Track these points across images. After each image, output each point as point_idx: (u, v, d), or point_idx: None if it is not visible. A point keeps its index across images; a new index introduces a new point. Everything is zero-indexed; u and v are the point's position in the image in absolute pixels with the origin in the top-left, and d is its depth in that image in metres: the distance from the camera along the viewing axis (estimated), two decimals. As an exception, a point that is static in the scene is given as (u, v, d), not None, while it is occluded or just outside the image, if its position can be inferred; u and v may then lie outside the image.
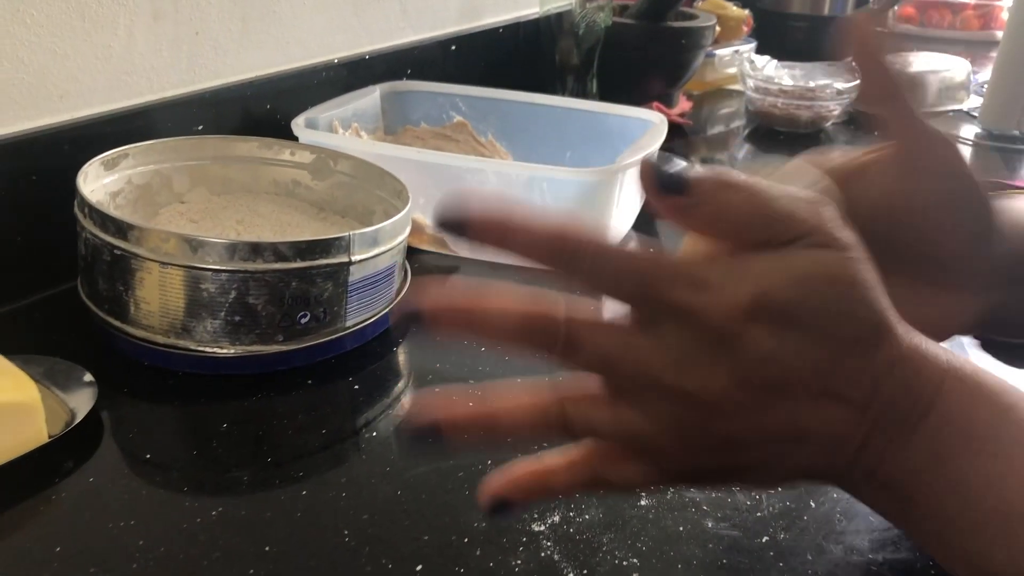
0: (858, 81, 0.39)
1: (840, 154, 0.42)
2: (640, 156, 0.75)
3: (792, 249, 0.29)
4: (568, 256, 0.29)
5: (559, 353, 0.30)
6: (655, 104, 1.13)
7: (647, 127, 0.85)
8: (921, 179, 0.39)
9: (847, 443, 0.31)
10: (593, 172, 0.72)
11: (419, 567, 0.43)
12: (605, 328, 0.30)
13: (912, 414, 0.31)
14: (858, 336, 0.30)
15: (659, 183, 0.29)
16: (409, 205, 0.65)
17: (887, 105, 0.39)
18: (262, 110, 0.83)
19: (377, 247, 0.60)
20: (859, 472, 0.32)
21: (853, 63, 0.39)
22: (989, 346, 0.47)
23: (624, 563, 0.44)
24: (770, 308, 0.29)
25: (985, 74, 1.37)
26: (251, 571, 0.42)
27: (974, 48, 1.68)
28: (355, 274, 0.59)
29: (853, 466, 0.32)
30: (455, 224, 0.29)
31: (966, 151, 1.17)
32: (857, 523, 0.47)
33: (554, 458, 0.33)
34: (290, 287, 0.56)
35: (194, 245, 0.54)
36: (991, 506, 0.30)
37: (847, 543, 0.46)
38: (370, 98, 0.89)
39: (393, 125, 0.92)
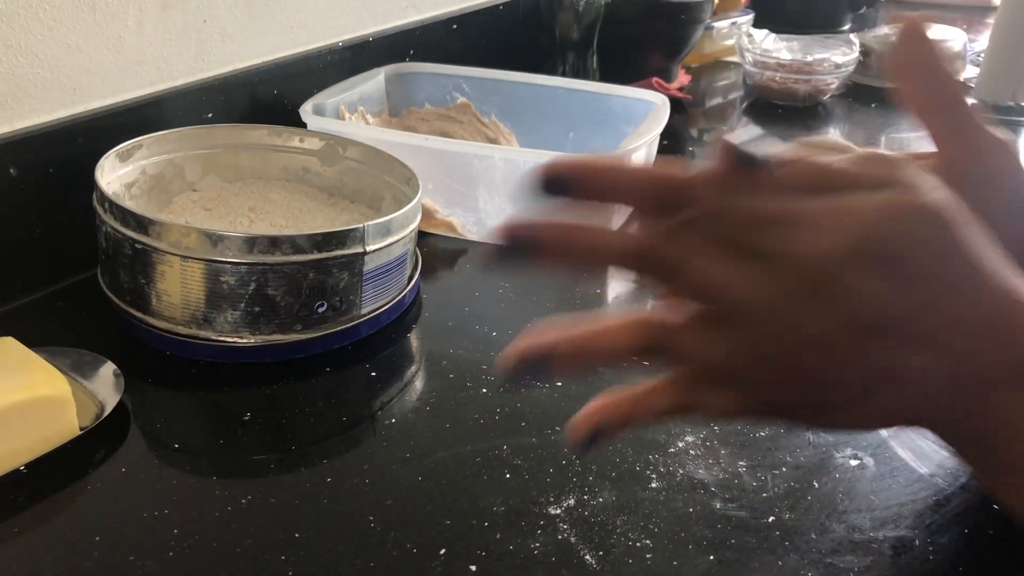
0: (904, 90, 0.36)
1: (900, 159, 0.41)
2: (645, 140, 0.77)
3: (886, 191, 0.30)
4: (673, 201, 0.30)
5: (668, 276, 0.31)
6: (655, 79, 1.14)
7: (649, 108, 0.86)
8: (980, 191, 0.37)
9: (943, 391, 0.31)
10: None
11: (442, 551, 0.45)
12: (713, 258, 0.31)
13: (1013, 369, 0.31)
14: (955, 282, 0.30)
15: (743, 162, 0.31)
16: (420, 194, 0.66)
17: (942, 115, 0.37)
18: (270, 95, 0.84)
19: (390, 236, 0.62)
20: (951, 420, 0.33)
21: (898, 72, 0.36)
22: None
23: (637, 544, 0.46)
24: (869, 246, 0.29)
25: (982, 43, 1.38)
26: (282, 557, 0.45)
27: (970, 14, 1.68)
28: (369, 263, 0.61)
29: (945, 414, 0.32)
30: (559, 184, 0.30)
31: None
32: (859, 503, 0.49)
33: (642, 386, 0.34)
34: (307, 278, 0.58)
35: (214, 239, 0.56)
36: None
37: (849, 522, 0.48)
38: (375, 81, 0.90)
39: (398, 107, 0.93)
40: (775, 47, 1.24)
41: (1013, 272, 0.32)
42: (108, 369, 0.56)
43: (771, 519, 0.48)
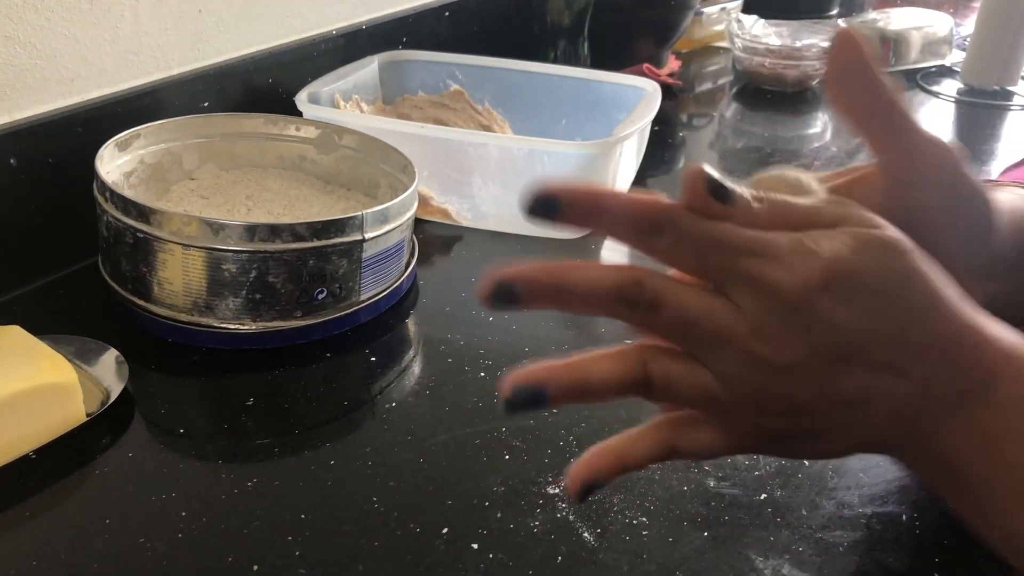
0: (838, 98, 0.37)
1: (821, 174, 0.40)
2: (637, 127, 0.78)
3: (847, 227, 0.32)
4: (652, 228, 0.32)
5: (642, 314, 0.33)
6: (645, 65, 1.15)
7: (641, 94, 0.87)
8: (919, 190, 0.38)
9: (904, 416, 0.33)
10: (593, 145, 0.75)
11: (445, 530, 0.47)
12: (687, 291, 0.32)
13: (969, 393, 0.33)
14: (914, 309, 0.32)
15: (710, 190, 0.32)
16: (416, 182, 0.67)
17: (877, 120, 0.37)
18: (265, 84, 0.84)
19: (388, 224, 0.63)
20: (912, 445, 0.34)
21: (831, 80, 0.37)
22: None
23: (634, 522, 0.47)
24: (839, 277, 0.31)
25: (968, 27, 1.39)
26: (288, 537, 0.46)
27: (957, -2, 1.70)
28: (368, 250, 0.62)
29: (907, 439, 0.34)
30: (546, 207, 0.32)
31: (948, 107, 1.20)
32: (848, 480, 0.50)
33: (627, 435, 0.35)
34: (307, 265, 0.59)
35: (215, 227, 0.57)
36: None
37: (839, 499, 0.49)
38: (368, 69, 0.91)
39: (391, 95, 0.94)
40: (764, 33, 1.25)
41: (964, 300, 0.33)
42: (112, 356, 0.57)
43: (763, 496, 0.49)
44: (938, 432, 0.33)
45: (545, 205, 0.32)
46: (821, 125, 1.14)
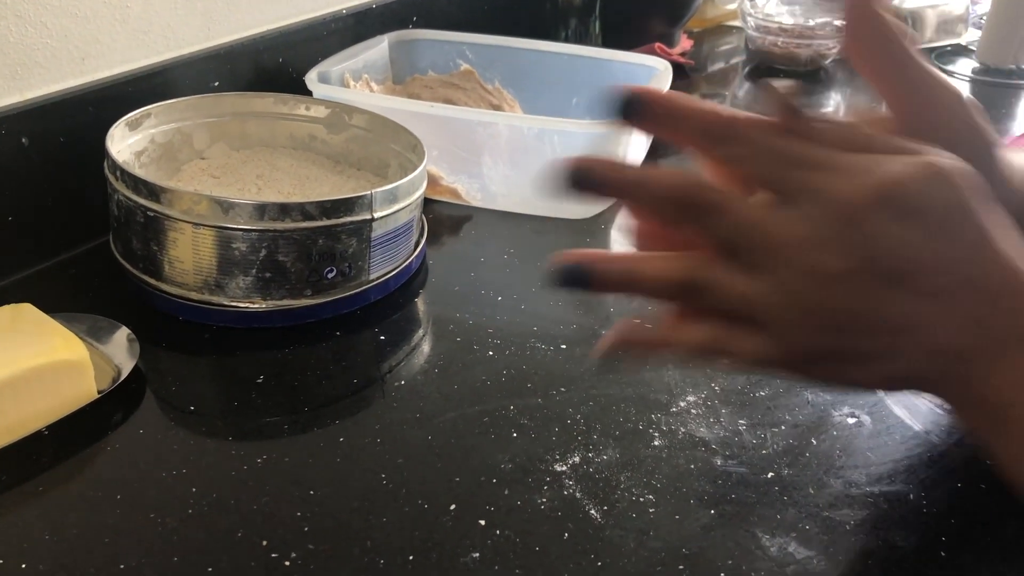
0: (854, 53, 0.38)
1: (853, 117, 0.41)
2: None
3: (904, 156, 0.33)
4: (722, 136, 0.33)
5: (704, 217, 0.34)
6: (657, 44, 1.14)
7: (652, 73, 0.86)
8: (924, 131, 0.38)
9: (950, 352, 0.33)
10: (604, 124, 0.74)
11: (452, 506, 0.47)
12: (746, 202, 0.33)
13: (1017, 338, 0.33)
14: (970, 245, 0.32)
15: (784, 107, 0.34)
16: (425, 161, 0.67)
17: (891, 70, 0.37)
18: (275, 63, 0.84)
19: (397, 203, 0.63)
20: (958, 384, 0.34)
21: (847, 37, 0.38)
22: None
23: (641, 499, 0.48)
24: (896, 196, 0.32)
25: (984, 5, 1.37)
26: (298, 513, 0.46)
27: (974, -23, 1.67)
28: (377, 230, 0.62)
29: (952, 376, 0.34)
30: (631, 107, 0.33)
31: (964, 86, 1.19)
32: (855, 459, 0.50)
33: (678, 323, 0.36)
34: (317, 244, 0.59)
35: (225, 206, 0.57)
36: None
37: (846, 477, 0.49)
38: (378, 48, 0.91)
39: (401, 74, 0.94)
40: (777, 11, 1.24)
41: (1021, 244, 0.34)
42: (123, 334, 0.58)
43: (770, 475, 0.49)
44: (986, 374, 0.33)
45: (630, 105, 0.33)
46: (834, 104, 1.13)
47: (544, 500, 0.47)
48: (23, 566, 0.43)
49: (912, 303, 0.32)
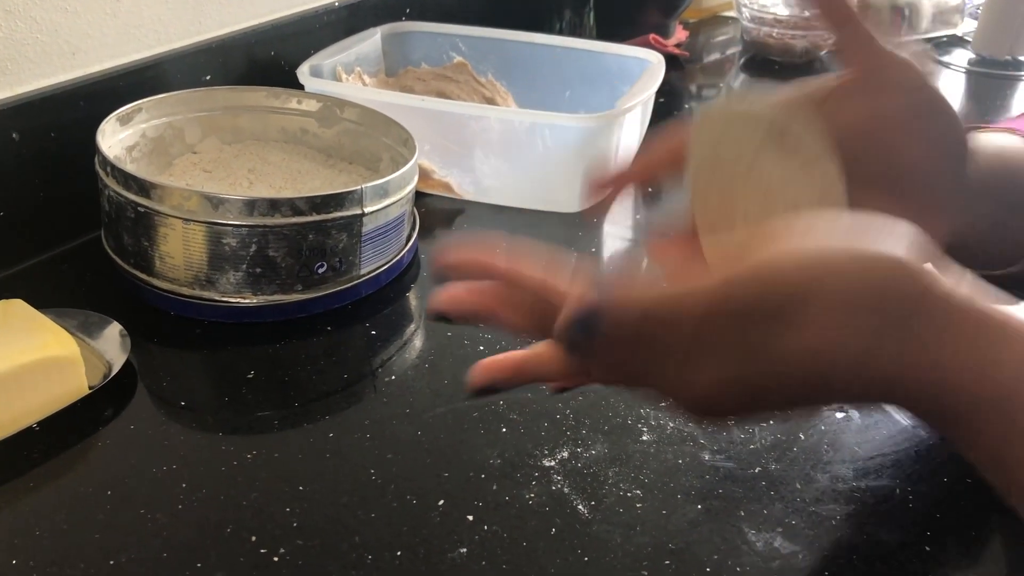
0: (815, 11, 0.43)
1: (816, 82, 0.44)
2: (639, 99, 0.77)
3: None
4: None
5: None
6: (652, 36, 1.14)
7: (645, 66, 0.86)
8: (886, 95, 0.41)
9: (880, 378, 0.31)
10: (595, 118, 0.74)
11: (441, 502, 0.47)
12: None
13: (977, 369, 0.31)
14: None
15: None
16: (416, 155, 0.67)
17: (842, 30, 0.42)
18: (267, 57, 0.84)
19: (388, 198, 0.63)
20: (908, 403, 0.32)
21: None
22: None
23: (628, 494, 0.48)
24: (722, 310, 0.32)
25: (980, -4, 1.37)
26: (287, 509, 0.46)
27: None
28: (368, 224, 0.62)
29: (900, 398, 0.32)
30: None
31: (960, 78, 1.19)
32: (842, 454, 0.51)
33: (537, 349, 0.37)
34: (307, 239, 0.59)
35: (215, 202, 0.57)
36: None
37: (833, 472, 0.49)
38: (371, 41, 0.91)
39: (394, 67, 0.94)
40: (772, 2, 1.24)
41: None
42: (114, 329, 0.58)
43: (757, 470, 0.50)
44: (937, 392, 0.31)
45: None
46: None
47: (532, 495, 0.48)
48: (14, 562, 0.43)
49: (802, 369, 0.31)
